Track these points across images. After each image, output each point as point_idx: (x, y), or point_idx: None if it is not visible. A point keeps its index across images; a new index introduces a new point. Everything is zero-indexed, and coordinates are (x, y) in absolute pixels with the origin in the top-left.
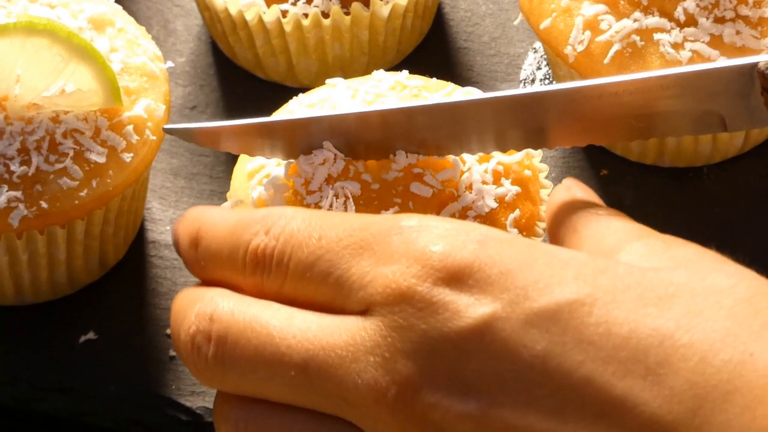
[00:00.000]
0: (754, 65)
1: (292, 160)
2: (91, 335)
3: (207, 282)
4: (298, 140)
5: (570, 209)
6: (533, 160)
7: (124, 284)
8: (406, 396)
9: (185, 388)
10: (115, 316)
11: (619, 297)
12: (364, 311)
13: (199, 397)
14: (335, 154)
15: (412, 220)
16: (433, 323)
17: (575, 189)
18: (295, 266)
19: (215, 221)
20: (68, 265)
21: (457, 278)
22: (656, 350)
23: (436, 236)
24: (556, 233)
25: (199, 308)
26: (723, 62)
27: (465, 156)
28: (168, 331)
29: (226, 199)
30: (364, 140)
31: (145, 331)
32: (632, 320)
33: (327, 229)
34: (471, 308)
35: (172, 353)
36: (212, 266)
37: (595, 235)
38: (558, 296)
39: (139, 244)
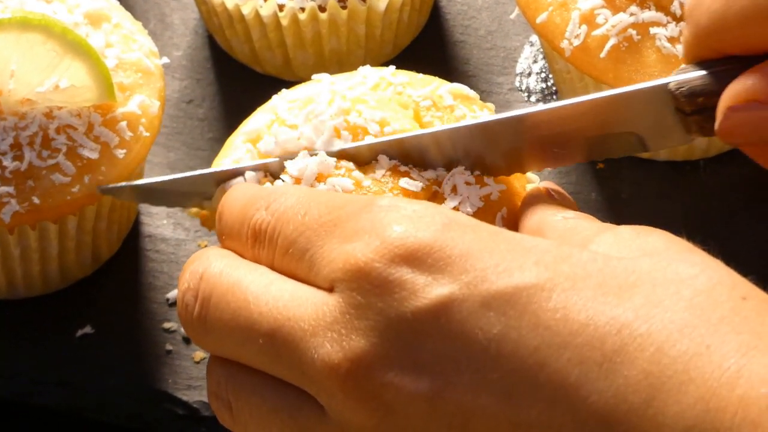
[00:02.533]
0: (665, 86)
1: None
2: (87, 329)
3: None
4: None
5: (538, 215)
6: None
7: (120, 279)
8: (358, 373)
9: (182, 382)
10: (112, 311)
11: (579, 284)
12: (330, 288)
13: (196, 391)
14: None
15: (384, 200)
16: (389, 302)
17: (547, 194)
18: (282, 242)
19: (234, 197)
20: (60, 260)
21: (416, 257)
22: (613, 339)
23: (401, 216)
24: None
25: (195, 266)
26: (636, 85)
27: None
28: (164, 325)
29: None
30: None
31: (141, 326)
32: (591, 308)
33: (312, 206)
34: (428, 288)
35: (169, 347)
36: (229, 240)
37: (560, 237)
38: (517, 280)
39: (135, 238)
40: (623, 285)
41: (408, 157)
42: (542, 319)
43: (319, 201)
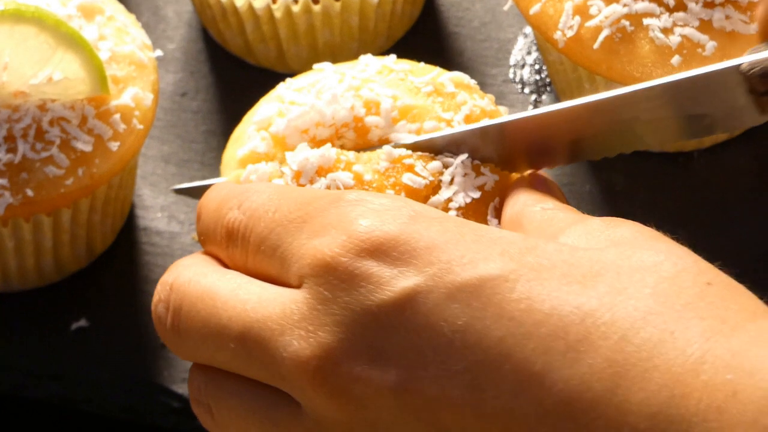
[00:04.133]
0: (737, 67)
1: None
2: (82, 323)
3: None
4: None
5: (519, 205)
6: None
7: (115, 272)
8: (326, 368)
9: (177, 375)
10: (107, 304)
11: (544, 274)
12: (300, 284)
13: None
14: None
15: (352, 195)
16: (355, 295)
17: (534, 183)
18: (254, 239)
19: (210, 197)
20: (55, 253)
21: (382, 250)
22: (577, 327)
23: (367, 210)
24: (506, 228)
25: (165, 277)
26: (706, 68)
27: None
28: None
29: None
30: None
31: (136, 318)
32: (555, 297)
33: (283, 203)
34: (394, 281)
35: None
36: (207, 242)
37: (537, 228)
38: (481, 271)
39: (129, 231)
40: (587, 274)
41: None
42: (506, 309)
43: (289, 197)
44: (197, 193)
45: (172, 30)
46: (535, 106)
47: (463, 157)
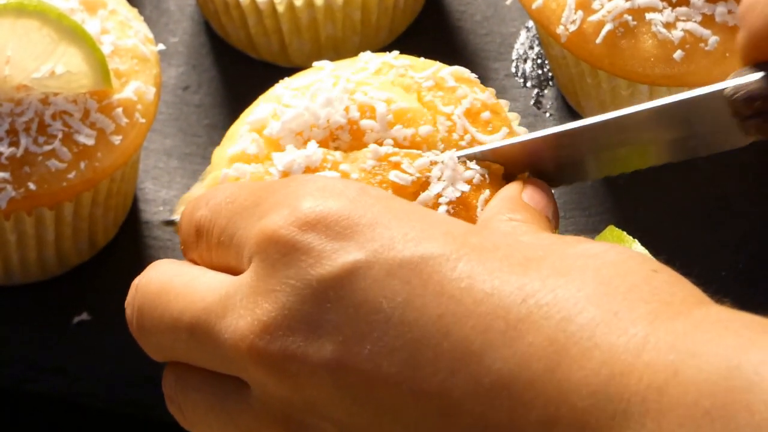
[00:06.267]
0: (722, 92)
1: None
2: (84, 316)
3: None
4: None
5: (493, 211)
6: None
7: (116, 265)
8: (262, 343)
9: None
10: (108, 297)
11: (486, 255)
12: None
13: None
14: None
15: (302, 176)
16: (295, 269)
17: (527, 188)
18: (216, 231)
19: (188, 205)
20: (57, 246)
21: (325, 224)
22: (518, 307)
23: (315, 188)
24: None
25: (134, 280)
26: (691, 92)
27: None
28: None
29: None
30: None
31: None
32: (496, 277)
33: (240, 192)
34: (334, 255)
35: None
36: (186, 249)
37: None
38: (423, 249)
39: (132, 224)
40: (531, 257)
41: None
42: (447, 288)
43: (246, 187)
44: None
45: (175, 24)
46: (537, 101)
47: (451, 153)
